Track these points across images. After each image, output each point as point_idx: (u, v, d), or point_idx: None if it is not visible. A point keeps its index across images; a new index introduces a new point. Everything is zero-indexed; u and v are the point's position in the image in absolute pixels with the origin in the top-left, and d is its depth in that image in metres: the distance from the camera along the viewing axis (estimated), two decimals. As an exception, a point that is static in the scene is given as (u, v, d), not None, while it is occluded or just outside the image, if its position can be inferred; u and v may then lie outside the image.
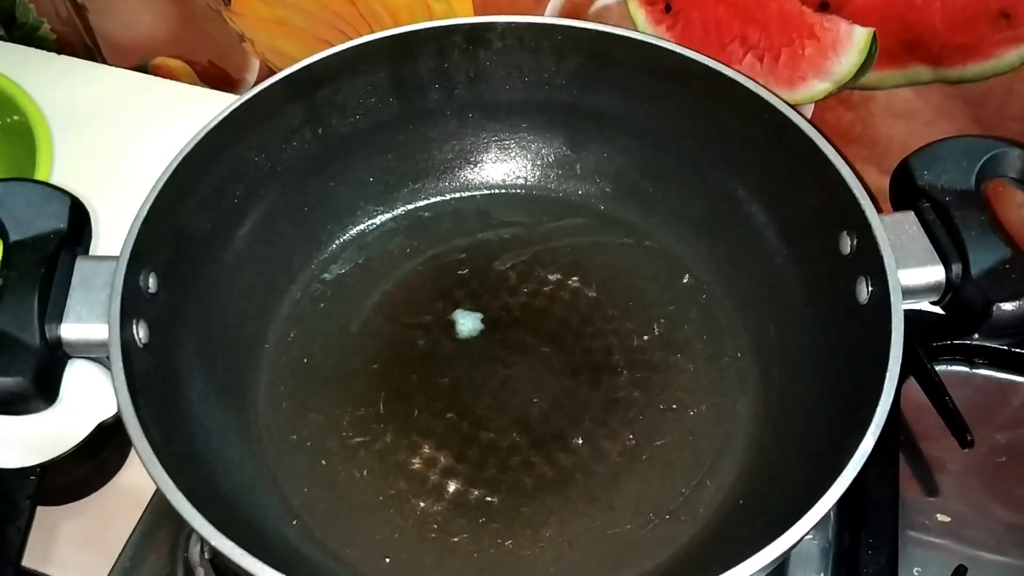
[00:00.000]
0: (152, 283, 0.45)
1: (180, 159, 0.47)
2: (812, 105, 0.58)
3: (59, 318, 0.42)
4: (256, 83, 0.59)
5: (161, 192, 0.46)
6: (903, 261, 0.44)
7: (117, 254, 0.43)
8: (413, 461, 0.49)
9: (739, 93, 0.50)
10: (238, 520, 0.42)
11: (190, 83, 0.78)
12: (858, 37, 0.53)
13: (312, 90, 0.53)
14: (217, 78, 0.77)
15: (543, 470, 0.49)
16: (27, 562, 0.49)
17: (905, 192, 0.47)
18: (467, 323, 0.54)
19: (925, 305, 0.46)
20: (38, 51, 0.79)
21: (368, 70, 0.54)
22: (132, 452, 0.54)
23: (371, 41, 0.53)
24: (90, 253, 0.47)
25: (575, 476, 0.48)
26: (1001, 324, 0.43)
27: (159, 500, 0.51)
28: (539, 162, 0.59)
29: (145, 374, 0.42)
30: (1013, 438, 0.52)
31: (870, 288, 0.44)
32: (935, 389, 0.50)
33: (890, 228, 0.45)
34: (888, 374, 0.40)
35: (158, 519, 0.50)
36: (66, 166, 0.66)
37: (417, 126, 0.58)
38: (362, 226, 0.58)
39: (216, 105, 0.50)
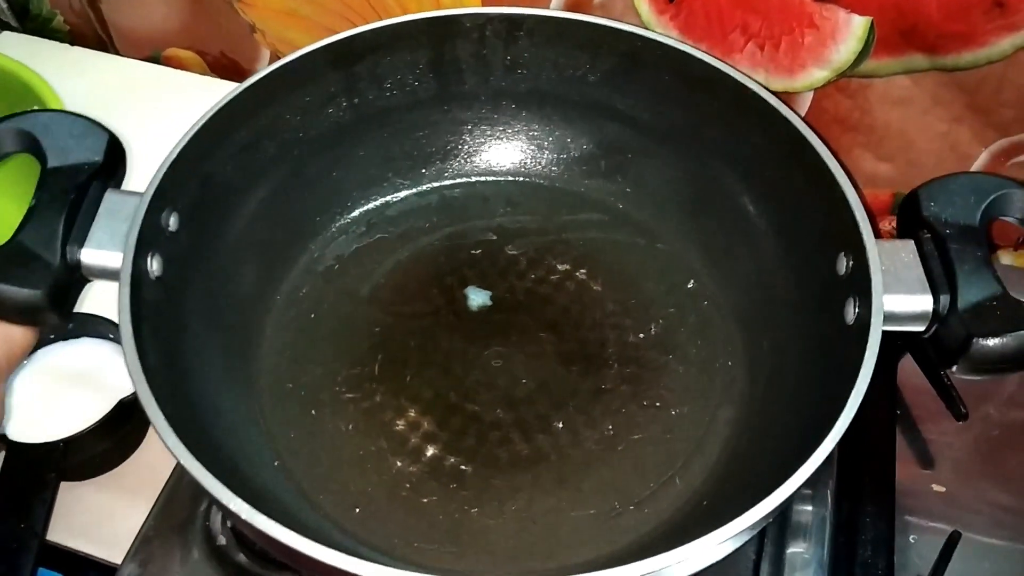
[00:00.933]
0: (173, 222, 0.48)
1: (216, 109, 0.50)
2: (811, 93, 0.59)
3: (81, 243, 0.45)
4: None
5: (194, 138, 0.49)
6: (892, 287, 0.44)
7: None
8: (398, 422, 0.51)
9: (760, 107, 0.51)
10: (218, 449, 0.44)
11: (201, 74, 0.80)
12: (856, 26, 0.54)
13: (352, 61, 0.55)
14: (228, 69, 0.79)
15: (520, 447, 0.50)
16: (50, 536, 0.51)
17: (910, 221, 0.48)
18: (477, 299, 0.56)
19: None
20: (51, 42, 0.80)
21: (409, 48, 0.56)
22: (151, 431, 0.56)
23: (414, 20, 0.55)
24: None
25: (550, 457, 0.50)
26: (979, 359, 0.43)
27: (181, 472, 0.52)
28: (565, 156, 0.61)
29: (153, 304, 0.45)
30: (1006, 413, 0.54)
31: (857, 310, 0.45)
32: (931, 364, 0.50)
33: (887, 253, 0.45)
34: (854, 390, 0.40)
35: (180, 492, 0.52)
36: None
37: (451, 107, 0.60)
38: (387, 197, 0.60)
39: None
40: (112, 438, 0.54)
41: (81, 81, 0.73)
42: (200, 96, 0.73)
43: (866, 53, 0.55)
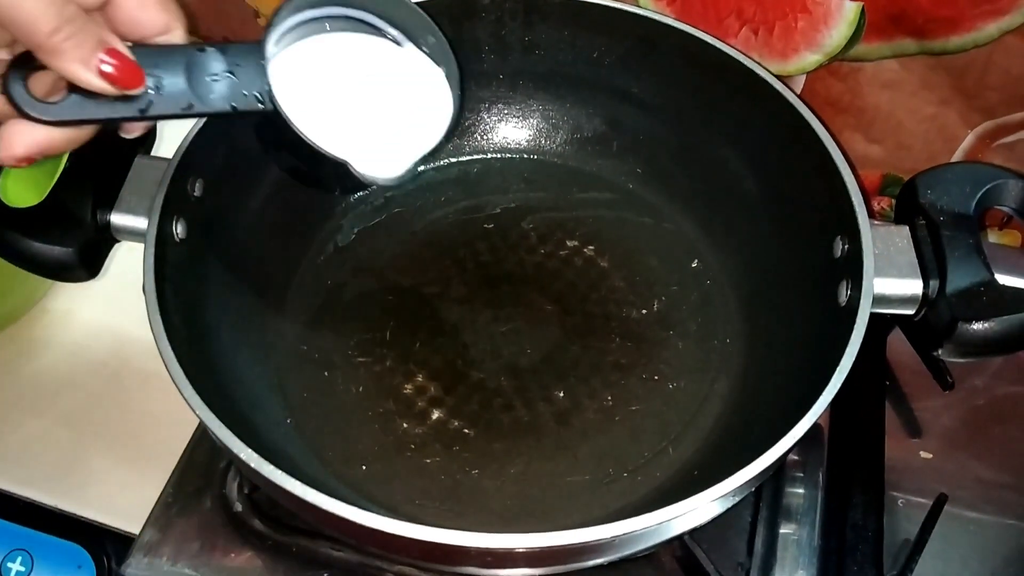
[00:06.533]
0: (199, 188, 0.50)
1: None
2: (803, 76, 0.60)
3: (111, 205, 0.48)
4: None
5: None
6: (884, 270, 0.46)
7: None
8: (406, 386, 0.53)
9: (768, 94, 0.52)
10: (233, 405, 0.47)
11: (204, 58, 0.81)
12: (848, 11, 0.55)
13: (375, 38, 0.57)
14: (230, 54, 0.81)
15: (521, 414, 0.52)
16: (65, 506, 0.54)
17: (907, 207, 0.49)
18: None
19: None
20: None
21: (430, 27, 0.58)
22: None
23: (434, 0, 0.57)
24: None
25: (549, 424, 0.52)
26: (963, 342, 0.44)
27: (197, 441, 0.55)
28: (578, 136, 0.62)
29: (176, 265, 0.48)
30: (991, 385, 0.57)
31: (849, 291, 0.46)
32: (921, 344, 0.52)
33: (881, 238, 0.47)
34: (837, 370, 0.42)
35: (196, 462, 0.54)
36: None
37: (470, 85, 0.61)
38: (405, 171, 0.62)
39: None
40: None
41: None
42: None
43: (857, 37, 0.56)
